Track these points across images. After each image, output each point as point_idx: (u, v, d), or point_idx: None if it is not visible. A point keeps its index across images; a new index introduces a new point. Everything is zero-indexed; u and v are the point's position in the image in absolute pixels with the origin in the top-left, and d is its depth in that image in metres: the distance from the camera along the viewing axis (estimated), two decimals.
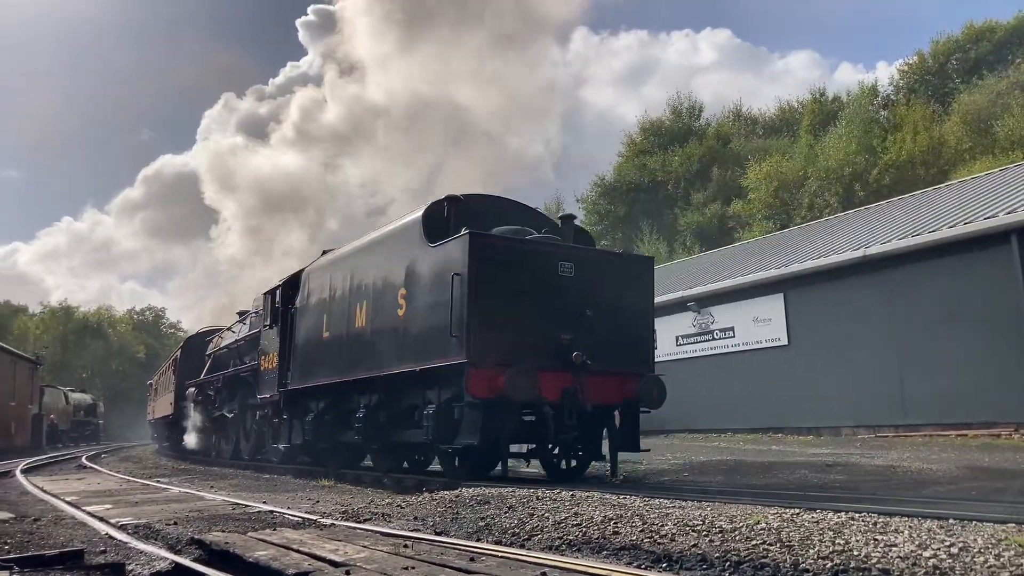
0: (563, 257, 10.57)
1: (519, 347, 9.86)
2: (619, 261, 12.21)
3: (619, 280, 11.13)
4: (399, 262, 11.55)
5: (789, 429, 19.00)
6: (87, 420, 54.85)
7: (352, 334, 12.84)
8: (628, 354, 10.94)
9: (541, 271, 10.32)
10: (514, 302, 10.05)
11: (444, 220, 11.14)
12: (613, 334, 10.66)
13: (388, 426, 12.22)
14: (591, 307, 10.40)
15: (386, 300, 11.81)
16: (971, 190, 20.14)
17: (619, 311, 10.85)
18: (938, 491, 8.41)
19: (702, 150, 46.22)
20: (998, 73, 38.34)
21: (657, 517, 6.13)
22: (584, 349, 10.14)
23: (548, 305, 10.24)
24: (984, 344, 15.33)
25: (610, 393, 10.65)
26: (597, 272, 10.87)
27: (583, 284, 10.51)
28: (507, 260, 10.17)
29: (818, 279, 18.85)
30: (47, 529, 7.33)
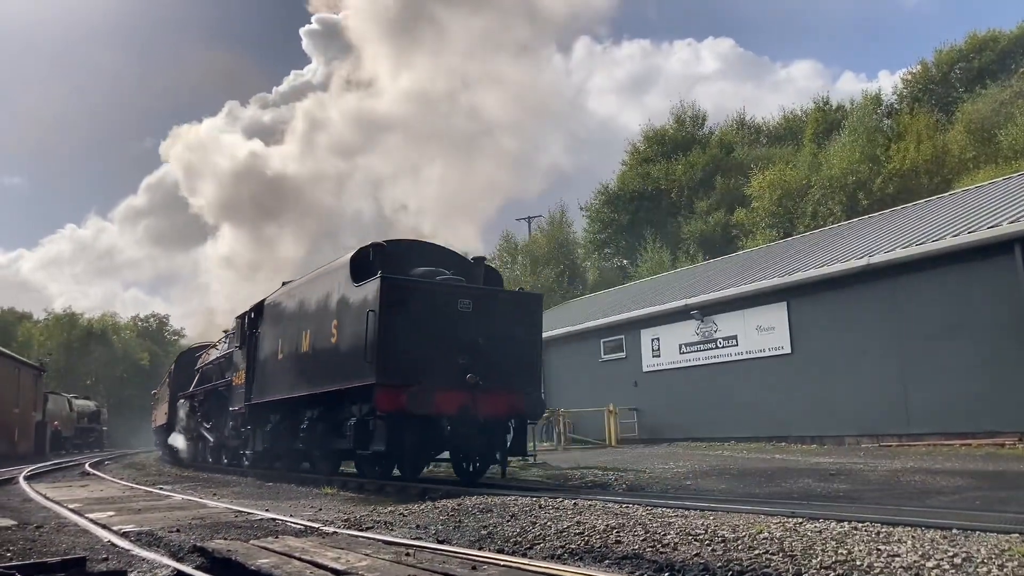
0: (462, 295, 12.53)
1: (421, 370, 11.83)
2: (512, 298, 13.85)
3: (511, 314, 13.05)
4: (333, 297, 13.66)
5: (792, 438, 18.97)
6: (91, 427, 54.85)
7: (299, 356, 14.90)
8: (516, 376, 12.72)
9: (443, 307, 12.29)
10: (419, 333, 12.04)
11: (369, 263, 13.08)
12: (504, 359, 12.50)
13: (325, 436, 14.10)
14: (485, 337, 12.32)
15: (324, 328, 13.91)
16: (974, 199, 20.14)
17: (510, 340, 12.68)
18: (942, 501, 8.39)
19: (706, 159, 46.24)
20: (1001, 82, 38.36)
21: (660, 526, 6.12)
22: (478, 372, 12.04)
23: (449, 335, 12.14)
24: (988, 353, 15.31)
25: (500, 408, 12.49)
26: (492, 307, 12.81)
27: (479, 318, 12.42)
28: (413, 298, 12.19)
29: (821, 288, 18.84)
30: (50, 536, 7.34)
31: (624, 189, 48.33)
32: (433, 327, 12.09)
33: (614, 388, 24.40)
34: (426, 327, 12.05)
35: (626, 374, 24.63)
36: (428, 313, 12.14)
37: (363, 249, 13.51)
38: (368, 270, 12.84)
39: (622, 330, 25.15)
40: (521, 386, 12.74)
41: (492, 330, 12.49)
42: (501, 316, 12.85)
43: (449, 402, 11.88)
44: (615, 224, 48.25)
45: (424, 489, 11.93)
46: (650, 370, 23.90)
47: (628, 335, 24.89)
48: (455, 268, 13.63)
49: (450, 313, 12.25)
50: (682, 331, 22.75)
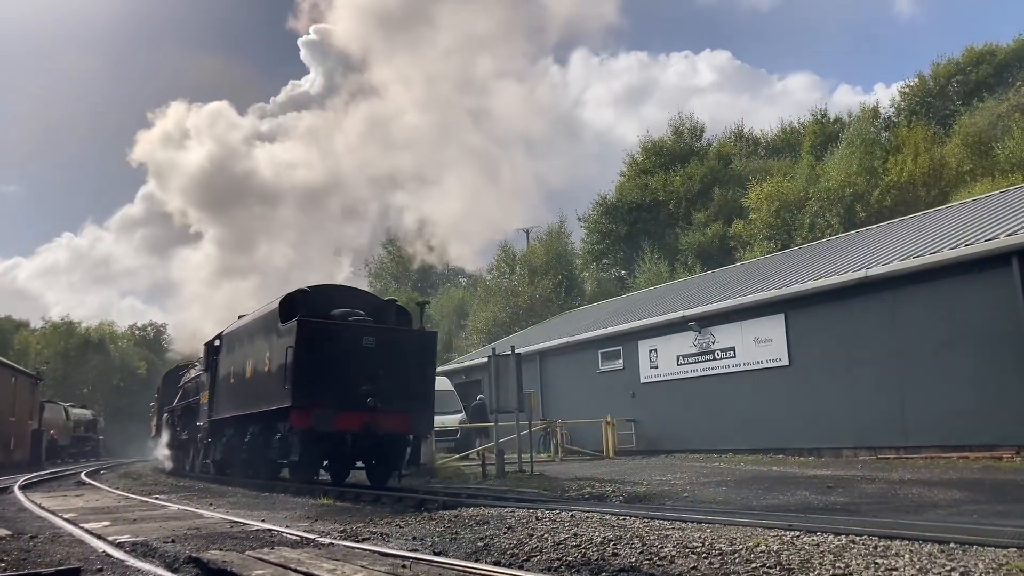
0: (367, 333, 15.23)
1: (328, 395, 14.47)
2: (409, 335, 16.51)
3: (408, 348, 15.74)
4: (268, 333, 16.57)
5: (790, 450, 18.94)
6: (87, 436, 54.65)
7: (245, 381, 17.73)
8: (410, 399, 15.30)
9: (350, 343, 14.95)
10: (328, 364, 14.64)
11: (295, 305, 15.70)
12: (400, 386, 15.09)
13: (263, 447, 16.65)
14: (385, 367, 14.93)
15: (260, 359, 16.72)
16: (972, 212, 20.19)
17: (406, 369, 15.34)
18: (939, 514, 8.38)
19: (703, 170, 46.30)
20: (999, 96, 38.51)
21: (657, 538, 6.11)
22: (377, 396, 14.71)
23: (354, 366, 14.76)
24: (985, 366, 15.31)
25: (396, 426, 15.13)
26: (392, 343, 15.48)
27: (381, 351, 15.05)
28: (324, 336, 14.96)
29: (819, 300, 18.85)
30: (44, 546, 7.31)
31: (622, 200, 48.38)
32: (341, 359, 14.78)
33: (612, 399, 24.37)
34: (335, 360, 14.72)
35: (624, 385, 24.60)
36: (337, 348, 14.86)
37: (291, 294, 16.33)
38: (293, 311, 15.55)
39: (620, 341, 25.14)
40: (414, 408, 15.41)
41: (391, 362, 15.14)
42: (400, 350, 15.53)
43: (352, 421, 14.62)
44: (613, 235, 48.27)
45: (421, 500, 11.93)
46: (648, 381, 23.89)
47: (626, 346, 24.89)
48: (369, 309, 16.38)
49: (356, 348, 14.94)
50: (680, 342, 22.75)
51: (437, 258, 61.77)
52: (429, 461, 18.34)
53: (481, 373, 28.09)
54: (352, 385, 14.66)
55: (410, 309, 18.99)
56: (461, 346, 47.24)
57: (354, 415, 14.59)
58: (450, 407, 27.77)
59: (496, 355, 17.58)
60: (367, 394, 14.67)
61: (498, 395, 17.13)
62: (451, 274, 68.11)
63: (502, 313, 44.34)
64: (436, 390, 26.84)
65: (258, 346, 17.09)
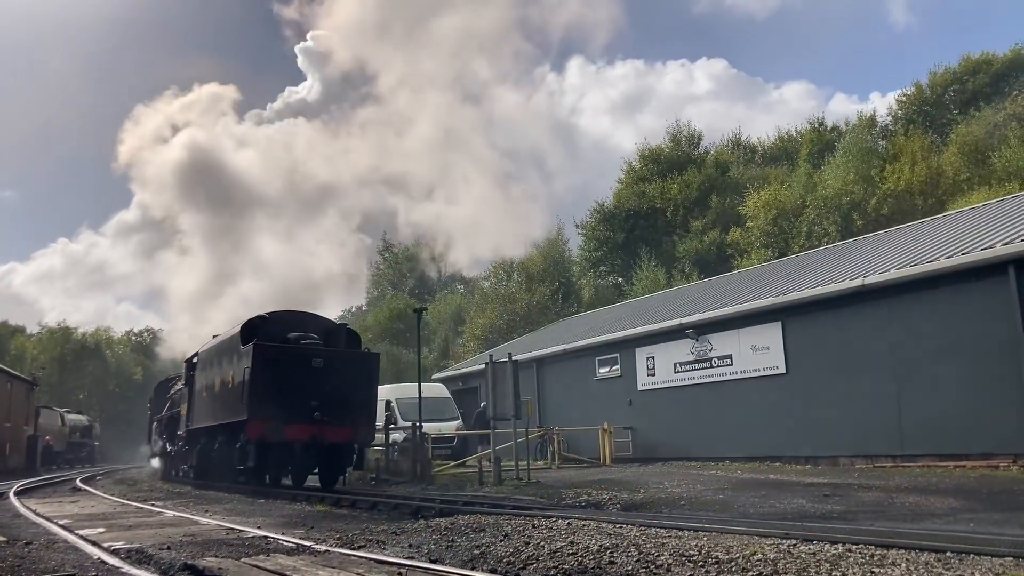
0: (315, 355, 17.45)
1: (281, 409, 16.57)
2: (354, 356, 18.72)
3: (353, 368, 18.05)
4: (231, 353, 18.72)
5: (787, 458, 18.92)
6: (83, 442, 54.46)
7: (214, 396, 19.90)
8: (354, 413, 17.48)
9: (300, 363, 17.14)
10: (281, 383, 16.79)
11: (255, 329, 18.05)
12: (345, 401, 17.20)
13: (227, 455, 18.70)
14: (331, 385, 17.05)
15: (226, 376, 18.83)
16: (968, 220, 20.22)
17: (350, 387, 17.48)
18: (936, 523, 8.37)
19: (701, 178, 46.34)
20: (995, 105, 38.61)
21: (653, 547, 6.10)
22: (324, 410, 16.86)
23: (304, 384, 16.88)
24: (982, 374, 15.31)
25: (341, 436, 17.38)
26: (338, 363, 17.67)
27: (328, 371, 17.21)
28: (277, 358, 17.19)
29: (816, 308, 18.86)
30: (39, 553, 7.28)
31: (620, 207, 48.40)
32: (293, 378, 16.94)
33: (609, 406, 24.35)
34: (287, 378, 16.93)
35: (621, 393, 24.59)
36: (289, 368, 17.07)
37: (252, 319, 18.64)
38: (252, 335, 17.73)
39: (617, 348, 25.13)
40: (357, 421, 17.60)
41: (337, 380, 17.22)
42: (345, 370, 17.69)
43: (301, 432, 16.80)
44: (610, 242, 48.27)
45: (417, 507, 11.91)
46: (645, 389, 23.87)
47: (623, 353, 24.88)
48: (322, 332, 18.61)
49: (306, 368, 17.07)
50: (677, 350, 22.75)
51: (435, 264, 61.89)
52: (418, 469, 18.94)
53: (478, 380, 28.07)
54: (302, 401, 16.85)
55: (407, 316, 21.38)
56: (458, 353, 47.19)
57: (303, 427, 16.81)
58: (447, 414, 27.74)
59: (493, 362, 17.58)
60: (315, 409, 16.88)
61: (495, 402, 17.13)
62: (448, 281, 68.15)
63: (499, 320, 44.30)
64: (433, 397, 27.35)
65: (224, 365, 19.33)
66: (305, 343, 17.72)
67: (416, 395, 22.67)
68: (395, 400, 28.03)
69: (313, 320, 19.36)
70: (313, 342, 17.90)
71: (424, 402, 22.17)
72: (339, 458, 18.06)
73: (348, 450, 18.01)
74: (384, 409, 27.67)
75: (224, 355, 19.51)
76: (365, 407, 17.95)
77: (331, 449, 17.52)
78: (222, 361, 19.56)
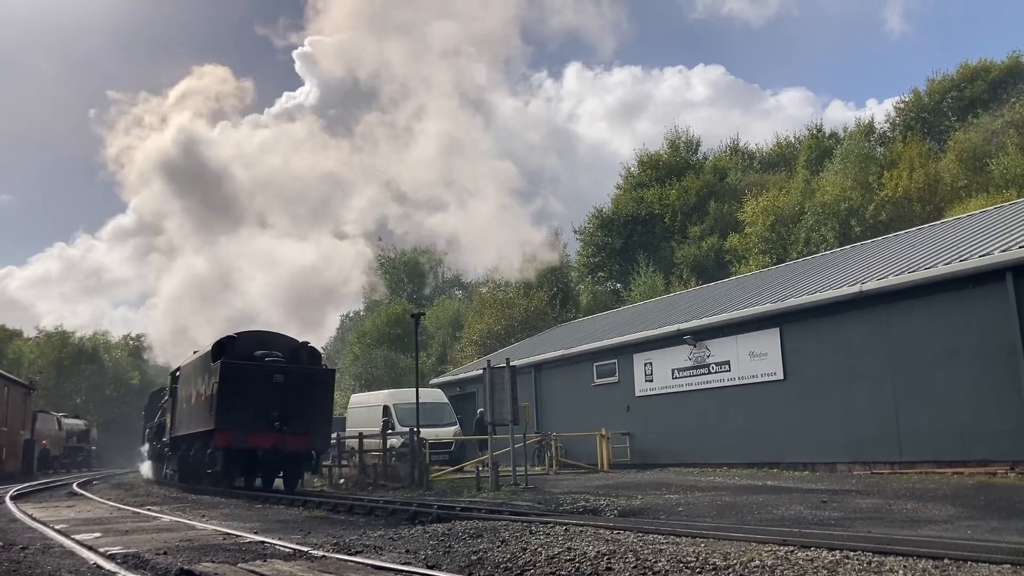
0: (277, 371, 19.55)
1: (245, 420, 18.73)
2: (312, 372, 20.65)
3: (310, 383, 20.14)
4: (204, 369, 20.93)
5: (785, 464, 18.91)
6: (80, 446, 54.32)
7: (191, 407, 22.12)
8: (311, 423, 19.65)
9: (263, 379, 19.25)
10: (245, 396, 18.85)
11: (223, 348, 20.15)
12: (302, 413, 19.36)
13: (200, 460, 20.93)
14: (291, 398, 19.22)
15: (200, 390, 20.99)
16: (966, 227, 20.24)
17: (308, 400, 19.63)
18: (934, 530, 8.36)
19: (699, 184, 46.37)
20: (993, 112, 38.67)
21: (651, 553, 6.09)
22: (284, 421, 18.93)
23: (267, 397, 18.95)
24: (980, 381, 15.32)
25: (299, 444, 19.57)
26: (297, 379, 19.79)
27: (288, 386, 19.41)
28: (242, 374, 19.25)
29: (814, 314, 18.86)
30: (35, 558, 7.26)
31: (618, 213, 48.42)
32: (256, 392, 18.95)
33: (607, 412, 24.33)
34: (251, 392, 18.94)
35: (619, 398, 24.58)
36: (252, 383, 19.13)
37: (222, 339, 20.76)
38: (222, 353, 19.96)
39: (615, 354, 25.12)
40: (314, 430, 19.77)
41: (296, 394, 19.39)
42: (304, 385, 19.82)
43: (264, 440, 18.90)
44: (608, 248, 48.28)
45: (415, 513, 11.89)
46: (643, 395, 23.86)
47: (621, 359, 24.87)
48: (286, 350, 20.60)
49: (268, 383, 19.19)
50: (675, 356, 22.74)
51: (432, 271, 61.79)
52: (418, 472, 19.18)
53: (476, 385, 28.05)
54: (264, 412, 18.90)
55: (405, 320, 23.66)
56: (456, 358, 47.14)
57: (265, 436, 18.88)
58: (445, 419, 27.74)
59: (491, 367, 17.57)
60: (276, 419, 18.91)
61: (493, 407, 17.11)
62: (446, 286, 68.15)
63: (497, 325, 44.26)
64: (431, 402, 27.30)
65: (199, 379, 21.43)
66: (269, 360, 19.81)
67: (414, 400, 22.68)
68: (393, 405, 28.03)
69: (278, 339, 21.49)
70: (276, 360, 19.95)
71: (422, 407, 22.17)
72: (298, 463, 20.40)
73: (306, 456, 20.30)
74: (382, 414, 27.70)
75: (199, 370, 21.72)
76: (321, 418, 20.29)
77: (291, 455, 19.70)
78: (197, 376, 21.75)
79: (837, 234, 35.38)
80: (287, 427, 18.93)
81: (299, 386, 19.59)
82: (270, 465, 20.18)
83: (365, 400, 31.83)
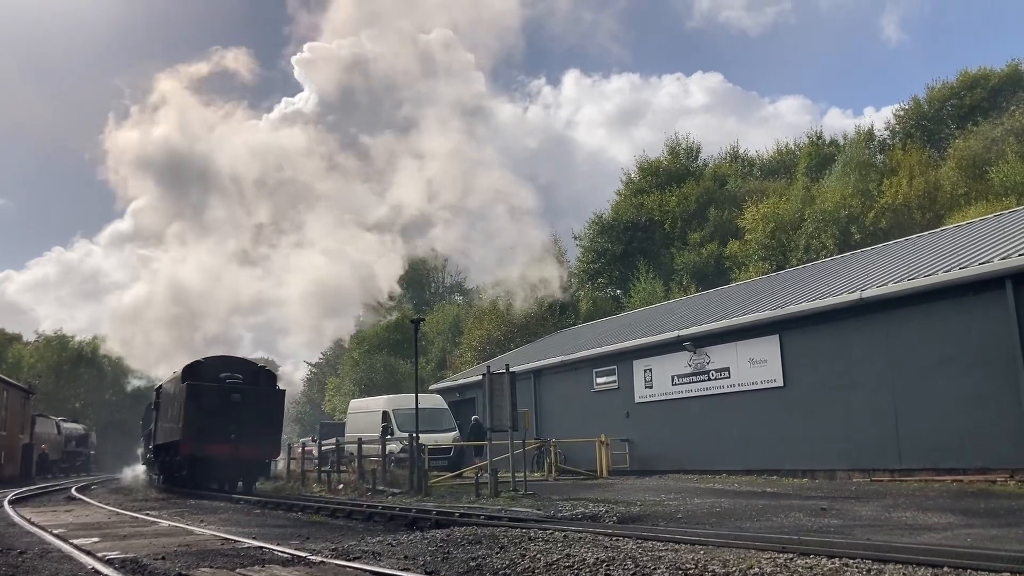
0: (234, 391, 23.26)
1: (206, 432, 22.31)
2: (264, 391, 24.46)
3: (263, 401, 23.95)
4: (176, 388, 24.71)
5: (784, 471, 18.89)
6: (78, 451, 54.30)
7: (167, 420, 25.98)
8: (262, 436, 23.40)
9: (223, 398, 22.95)
10: (207, 412, 22.50)
11: (192, 371, 23.86)
12: (255, 427, 22.93)
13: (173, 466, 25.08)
14: (246, 414, 22.81)
15: (174, 405, 24.67)
16: (966, 235, 20.25)
17: (260, 415, 23.30)
18: (933, 537, 8.35)
19: (699, 190, 46.37)
20: (993, 119, 38.70)
21: (650, 560, 6.08)
22: (240, 434, 22.44)
23: (225, 413, 22.57)
24: (979, 389, 15.31)
25: (252, 454, 23.24)
26: (251, 398, 23.44)
27: (244, 404, 23.02)
28: (204, 394, 22.85)
29: (814, 321, 18.86)
30: (33, 563, 7.25)
31: (618, 219, 48.41)
32: (216, 409, 22.64)
33: (606, 419, 24.31)
34: (212, 409, 22.64)
35: (618, 405, 24.56)
36: (213, 401, 22.82)
37: (191, 362, 24.70)
38: (189, 375, 23.71)
39: (614, 360, 25.11)
40: (265, 442, 23.67)
41: (250, 410, 23.08)
42: (257, 403, 23.56)
43: (222, 450, 22.51)
44: (608, 254, 48.27)
45: (414, 519, 11.87)
46: (642, 401, 23.84)
47: (620, 366, 24.85)
48: (246, 373, 24.40)
49: (227, 401, 22.93)
50: (675, 362, 22.73)
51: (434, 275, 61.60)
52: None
53: (475, 391, 28.02)
54: (223, 426, 22.45)
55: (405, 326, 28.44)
56: (456, 364, 47.10)
57: (224, 446, 22.55)
58: (444, 425, 27.70)
59: (491, 373, 17.55)
60: (232, 432, 22.51)
61: (492, 413, 17.09)
62: (446, 291, 68.11)
63: (496, 331, 44.23)
64: (430, 408, 27.40)
65: (172, 397, 25.24)
66: (229, 382, 23.54)
67: (413, 406, 22.66)
68: (392, 411, 27.99)
69: (240, 363, 25.53)
70: (235, 381, 23.68)
71: (421, 413, 22.14)
72: (253, 470, 24.35)
73: (260, 464, 24.43)
74: (381, 419, 27.67)
75: (173, 389, 25.59)
76: (271, 431, 24.26)
77: (246, 462, 23.46)
78: (172, 393, 25.49)
79: (837, 241, 35.37)
80: (242, 438, 22.61)
81: (253, 404, 23.42)
82: (229, 471, 23.61)
83: (364, 405, 31.78)
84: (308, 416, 70.02)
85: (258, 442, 23.07)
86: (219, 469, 23.31)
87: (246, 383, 23.73)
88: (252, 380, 24.11)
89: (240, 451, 22.51)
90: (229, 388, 23.16)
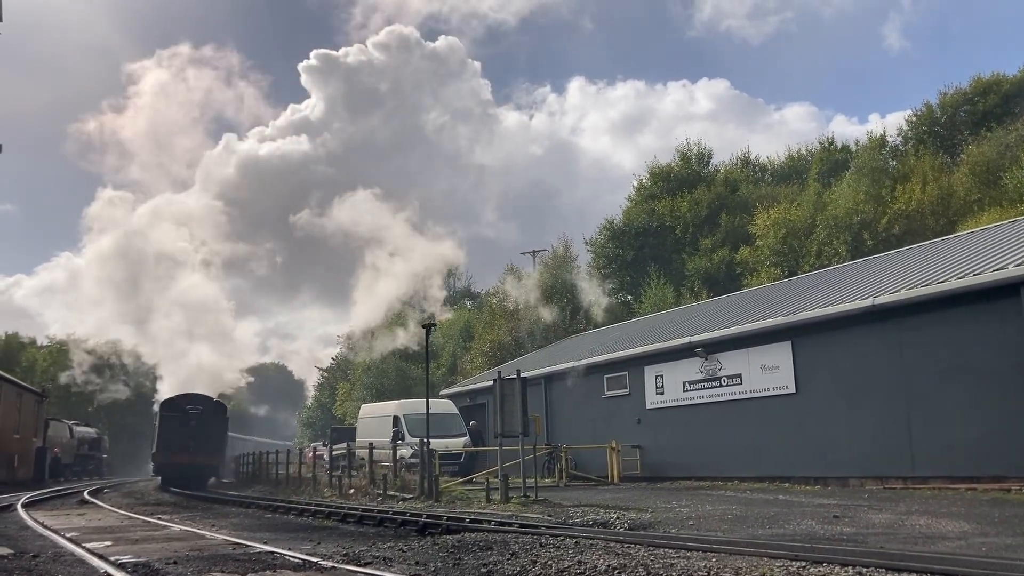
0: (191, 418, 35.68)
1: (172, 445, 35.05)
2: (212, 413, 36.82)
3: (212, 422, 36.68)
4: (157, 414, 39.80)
5: (796, 478, 18.80)
6: (91, 454, 54.56)
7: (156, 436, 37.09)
8: (212, 448, 36.16)
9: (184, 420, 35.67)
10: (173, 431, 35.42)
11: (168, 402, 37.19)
12: (207, 441, 35.69)
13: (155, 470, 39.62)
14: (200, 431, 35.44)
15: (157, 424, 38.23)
16: (980, 241, 20.13)
17: (211, 434, 36.14)
18: (947, 546, 8.29)
19: (710, 196, 46.31)
20: (1006, 125, 38.48)
21: (662, 567, 6.06)
22: (195, 447, 34.96)
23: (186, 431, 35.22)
24: (993, 396, 15.20)
25: (205, 461, 35.70)
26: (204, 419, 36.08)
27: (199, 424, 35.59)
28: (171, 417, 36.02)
29: (826, 327, 18.77)
30: (46, 566, 7.29)
31: (629, 225, 48.37)
32: (179, 428, 34.93)
33: (617, 425, 24.26)
34: (176, 429, 34.95)
35: (629, 411, 24.51)
36: (177, 424, 35.08)
37: (168, 398, 37.45)
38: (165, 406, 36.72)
39: (625, 366, 25.06)
40: (213, 452, 36.01)
41: (203, 430, 35.22)
42: (208, 424, 35.79)
43: (182, 458, 34.37)
44: (619, 260, 48.22)
45: (424, 525, 11.86)
46: (654, 407, 23.78)
47: (631, 372, 24.80)
48: (204, 404, 36.55)
49: (187, 424, 35.09)
50: (686, 369, 22.67)
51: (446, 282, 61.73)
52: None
53: (486, 396, 28.02)
54: (184, 441, 34.46)
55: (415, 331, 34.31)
56: (466, 369, 47.10)
57: (184, 456, 34.21)
58: (454, 430, 27.70)
59: (501, 378, 17.55)
60: (190, 445, 34.21)
61: (503, 419, 17.07)
62: (457, 296, 68.13)
63: (507, 337, 44.22)
64: (441, 413, 27.59)
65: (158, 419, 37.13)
66: (190, 410, 35.52)
67: (424, 411, 22.66)
68: (403, 415, 28.01)
69: (201, 398, 37.27)
70: (193, 409, 35.66)
71: (432, 418, 22.13)
72: (205, 473, 35.92)
73: (211, 468, 36.62)
74: (392, 424, 27.70)
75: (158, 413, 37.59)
76: (219, 445, 36.83)
77: (200, 468, 35.00)
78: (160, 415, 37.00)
79: (849, 247, 35.23)
80: (197, 451, 34.43)
81: (205, 426, 35.32)
82: (189, 474, 34.23)
83: (375, 410, 31.82)
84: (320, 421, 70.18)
85: (208, 453, 35.21)
86: (182, 473, 34.28)
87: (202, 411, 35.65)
88: (208, 409, 36.44)
89: (196, 459, 34.45)
90: (188, 414, 35.32)
